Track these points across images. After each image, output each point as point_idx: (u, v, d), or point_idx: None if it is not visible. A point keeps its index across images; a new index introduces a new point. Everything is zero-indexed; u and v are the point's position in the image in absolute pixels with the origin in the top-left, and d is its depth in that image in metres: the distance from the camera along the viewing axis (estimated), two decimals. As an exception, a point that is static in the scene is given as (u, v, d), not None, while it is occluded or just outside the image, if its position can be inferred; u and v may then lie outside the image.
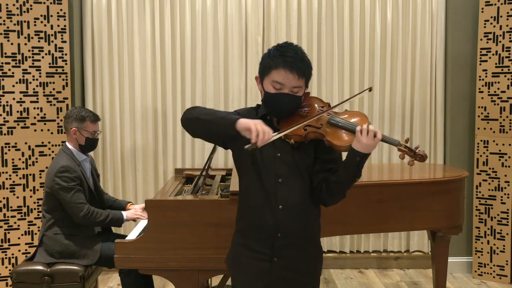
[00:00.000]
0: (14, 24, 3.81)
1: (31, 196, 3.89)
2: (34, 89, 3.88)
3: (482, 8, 4.09)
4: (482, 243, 4.20)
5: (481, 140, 4.16)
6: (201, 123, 1.88)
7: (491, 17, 4.06)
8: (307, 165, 1.94)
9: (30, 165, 3.88)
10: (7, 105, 3.82)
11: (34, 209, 3.89)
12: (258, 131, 1.72)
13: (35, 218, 3.89)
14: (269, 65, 1.88)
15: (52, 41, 3.90)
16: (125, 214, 3.16)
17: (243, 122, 1.76)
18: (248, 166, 1.94)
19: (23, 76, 3.85)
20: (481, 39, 4.11)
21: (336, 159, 1.96)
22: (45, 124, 3.91)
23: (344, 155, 1.91)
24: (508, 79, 4.03)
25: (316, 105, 1.97)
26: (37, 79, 3.88)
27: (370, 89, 2.01)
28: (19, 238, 3.88)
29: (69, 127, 3.12)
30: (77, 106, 3.88)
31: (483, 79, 4.13)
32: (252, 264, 1.95)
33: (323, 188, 1.92)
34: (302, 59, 1.88)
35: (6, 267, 3.85)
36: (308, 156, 1.94)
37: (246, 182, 1.98)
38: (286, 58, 1.85)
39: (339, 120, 1.90)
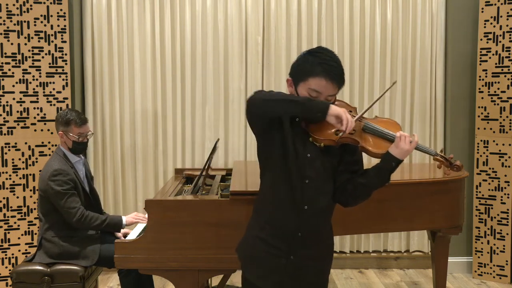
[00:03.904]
0: (14, 24, 3.81)
1: (31, 196, 3.89)
2: (34, 89, 3.88)
3: (482, 8, 4.09)
4: (482, 243, 4.20)
5: (481, 140, 4.16)
6: (287, 104, 1.85)
7: (491, 17, 4.06)
8: (333, 167, 1.96)
9: (30, 165, 3.88)
10: (7, 105, 3.82)
11: (34, 209, 3.89)
12: (348, 119, 1.77)
13: (35, 218, 3.88)
14: (308, 72, 1.87)
15: (52, 41, 3.90)
16: (125, 218, 3.13)
17: (335, 110, 1.79)
18: (278, 162, 1.93)
19: (23, 76, 3.85)
20: (481, 39, 4.11)
21: (360, 160, 2.01)
22: (45, 124, 3.91)
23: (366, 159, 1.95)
24: (508, 79, 4.03)
25: (345, 110, 1.97)
26: (37, 79, 3.88)
27: (394, 83, 2.13)
28: (19, 238, 3.88)
29: (57, 130, 3.10)
30: (65, 108, 3.84)
31: (483, 79, 4.13)
32: (269, 259, 1.96)
33: (348, 189, 1.95)
34: (339, 67, 1.89)
35: (6, 267, 3.85)
36: (336, 159, 1.96)
37: (272, 177, 1.97)
38: (325, 66, 1.85)
39: (374, 127, 1.95)
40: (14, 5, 3.79)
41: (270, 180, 1.98)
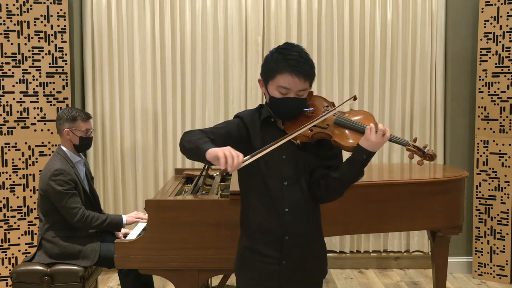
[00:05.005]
0: (14, 24, 3.81)
1: (31, 196, 3.89)
2: (34, 89, 3.88)
3: (482, 8, 4.09)
4: (482, 243, 4.20)
5: (481, 140, 4.16)
6: (185, 150, 1.87)
7: (491, 17, 4.06)
8: (311, 165, 1.93)
9: (30, 165, 3.88)
10: (7, 105, 3.82)
11: (34, 209, 3.89)
12: (227, 157, 1.66)
13: (35, 218, 3.88)
14: (273, 70, 1.85)
15: (52, 41, 3.90)
16: (125, 218, 3.15)
17: (211, 152, 1.71)
18: (253, 171, 1.90)
19: (23, 76, 3.85)
20: (481, 39, 4.11)
21: (337, 155, 1.95)
22: (45, 124, 3.91)
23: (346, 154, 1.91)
24: (508, 79, 4.03)
25: (320, 105, 1.95)
26: (37, 79, 3.88)
27: (354, 98, 1.98)
28: (19, 238, 3.88)
29: (62, 128, 3.10)
30: (66, 107, 3.86)
31: (483, 79, 4.13)
32: (261, 268, 1.93)
33: (321, 184, 1.90)
34: (306, 61, 1.85)
35: (6, 267, 3.85)
36: (313, 156, 1.93)
37: (250, 186, 1.95)
38: (290, 61, 1.82)
39: (347, 121, 1.89)
40: (14, 5, 3.79)
41: (249, 189, 1.96)
